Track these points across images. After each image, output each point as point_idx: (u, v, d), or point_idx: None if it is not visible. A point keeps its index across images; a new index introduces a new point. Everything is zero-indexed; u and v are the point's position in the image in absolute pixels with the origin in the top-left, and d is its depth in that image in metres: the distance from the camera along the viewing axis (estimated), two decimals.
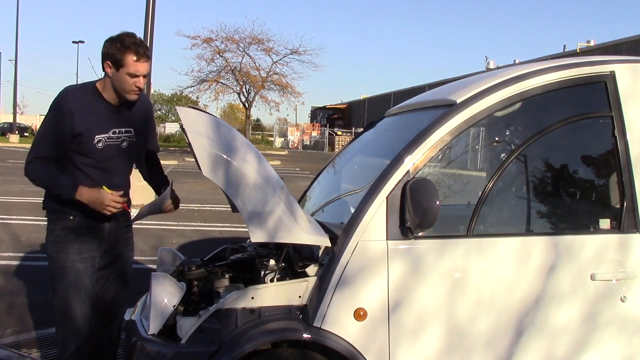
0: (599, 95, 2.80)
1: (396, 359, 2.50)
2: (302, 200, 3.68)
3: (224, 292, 2.69)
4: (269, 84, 34.75)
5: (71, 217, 2.83)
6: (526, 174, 2.88)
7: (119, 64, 2.73)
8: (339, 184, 3.63)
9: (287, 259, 2.72)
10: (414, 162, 2.56)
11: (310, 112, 72.12)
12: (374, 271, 2.48)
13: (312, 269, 2.57)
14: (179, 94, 49.07)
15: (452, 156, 2.79)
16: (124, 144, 2.92)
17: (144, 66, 2.76)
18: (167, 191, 2.90)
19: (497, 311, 2.57)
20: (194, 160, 2.51)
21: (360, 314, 2.46)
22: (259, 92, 34.85)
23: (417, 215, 2.43)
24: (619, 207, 2.74)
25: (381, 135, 3.63)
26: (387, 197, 2.51)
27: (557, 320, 2.62)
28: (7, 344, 3.99)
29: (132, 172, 3.12)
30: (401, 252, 2.51)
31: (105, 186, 2.75)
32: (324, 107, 66.32)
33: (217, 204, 11.24)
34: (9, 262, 6.37)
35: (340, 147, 39.51)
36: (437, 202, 2.39)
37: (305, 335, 2.43)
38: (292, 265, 2.69)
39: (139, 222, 3.32)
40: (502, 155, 2.91)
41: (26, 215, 9.26)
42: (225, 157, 2.45)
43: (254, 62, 34.32)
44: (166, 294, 2.57)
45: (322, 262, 2.57)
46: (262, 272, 2.70)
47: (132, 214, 3.17)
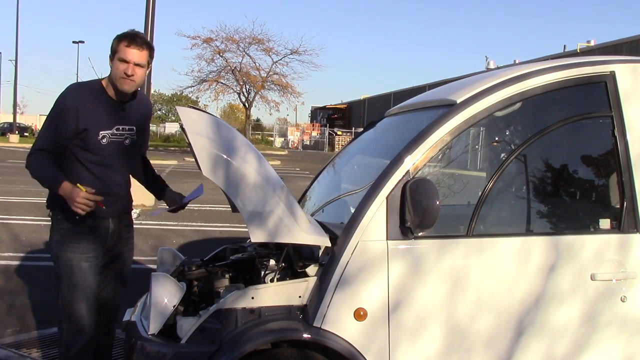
0: (599, 95, 2.80)
1: (396, 359, 2.50)
2: (302, 200, 3.68)
3: (224, 292, 2.69)
4: (269, 84, 34.75)
5: (77, 217, 2.83)
6: (526, 174, 2.88)
7: (114, 52, 2.80)
8: (339, 184, 3.63)
9: (287, 259, 2.72)
10: (414, 162, 2.56)
11: (310, 112, 72.08)
12: (374, 271, 2.48)
13: (312, 269, 2.57)
14: (179, 94, 49.21)
15: (452, 156, 2.79)
16: (127, 142, 2.94)
17: (135, 53, 2.77)
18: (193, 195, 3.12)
19: (497, 311, 2.57)
20: (194, 160, 2.51)
21: (360, 314, 2.46)
22: (259, 92, 34.84)
23: (417, 215, 2.43)
24: (619, 207, 2.74)
25: (381, 135, 3.63)
26: (387, 197, 2.51)
27: (557, 320, 2.62)
28: (7, 344, 3.99)
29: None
30: (401, 252, 2.51)
31: (80, 184, 2.68)
32: (324, 107, 66.29)
33: (217, 204, 11.22)
34: (9, 262, 6.37)
35: (340, 147, 39.46)
36: (437, 202, 2.39)
37: (305, 335, 2.43)
38: (292, 265, 2.69)
39: (139, 222, 3.31)
40: (502, 155, 2.91)
41: (26, 215, 9.26)
42: (225, 157, 2.45)
43: (254, 62, 34.39)
44: (166, 294, 2.57)
45: (322, 262, 2.57)
46: (262, 272, 2.70)
47: (132, 214, 3.18)
